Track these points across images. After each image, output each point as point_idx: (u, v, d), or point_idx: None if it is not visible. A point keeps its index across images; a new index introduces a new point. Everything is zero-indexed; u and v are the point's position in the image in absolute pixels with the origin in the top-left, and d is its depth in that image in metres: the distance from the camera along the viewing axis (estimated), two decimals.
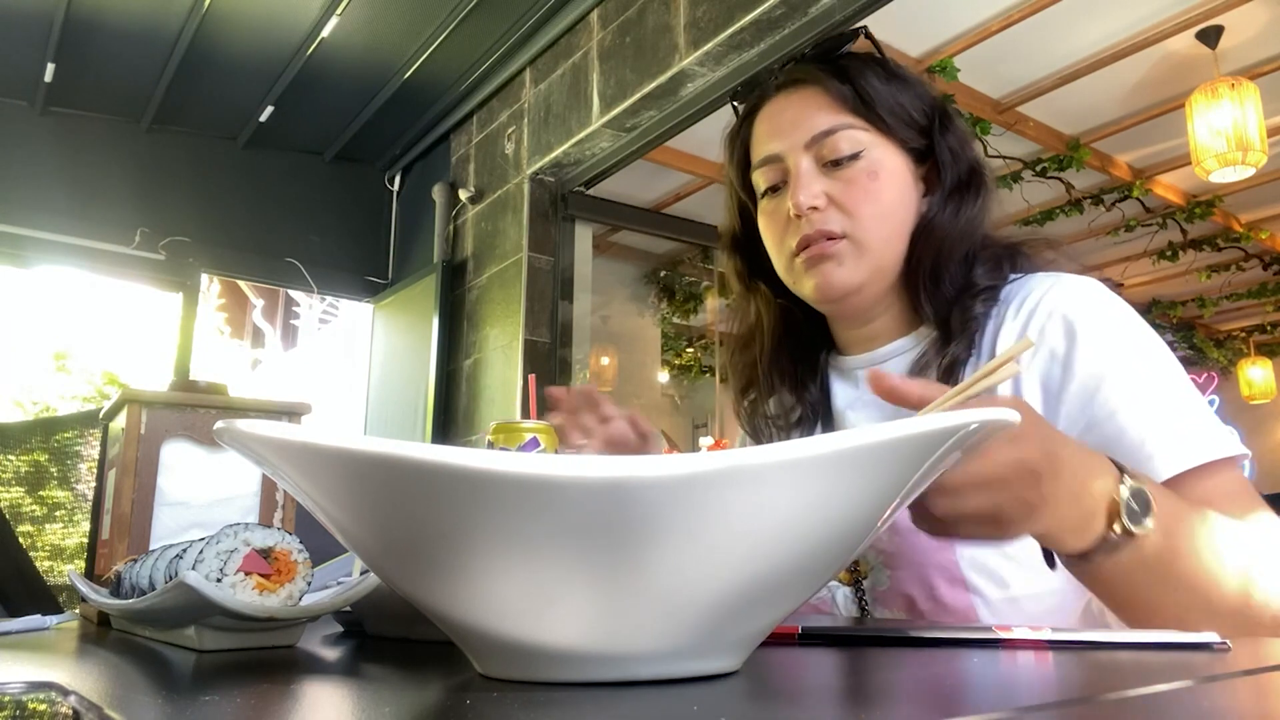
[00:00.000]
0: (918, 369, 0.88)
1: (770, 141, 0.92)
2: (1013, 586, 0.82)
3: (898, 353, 0.93)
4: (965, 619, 0.83)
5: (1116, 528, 0.61)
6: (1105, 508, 0.61)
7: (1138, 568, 0.63)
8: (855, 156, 0.88)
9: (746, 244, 1.00)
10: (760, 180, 0.93)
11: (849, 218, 0.87)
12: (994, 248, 0.91)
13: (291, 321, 8.85)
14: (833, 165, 0.88)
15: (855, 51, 0.93)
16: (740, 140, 0.97)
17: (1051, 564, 0.65)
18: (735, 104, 1.00)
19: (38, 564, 2.00)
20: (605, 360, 4.91)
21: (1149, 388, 0.77)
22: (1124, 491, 0.61)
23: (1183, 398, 0.77)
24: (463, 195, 3.71)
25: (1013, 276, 0.89)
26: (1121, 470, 0.62)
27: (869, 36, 0.93)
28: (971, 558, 0.82)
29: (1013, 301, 0.86)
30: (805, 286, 0.90)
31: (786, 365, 1.00)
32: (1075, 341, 0.80)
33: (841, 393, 0.98)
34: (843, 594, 0.90)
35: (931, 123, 0.91)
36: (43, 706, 0.40)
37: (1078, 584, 0.82)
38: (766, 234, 0.94)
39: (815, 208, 0.87)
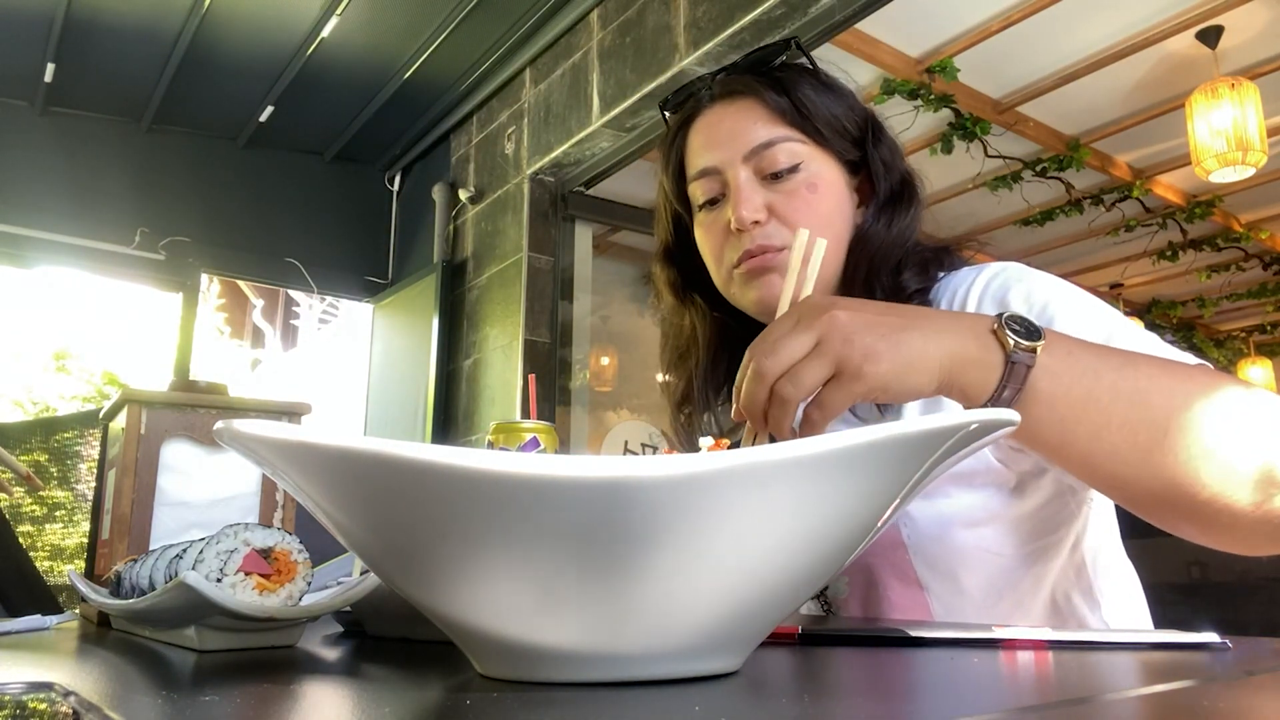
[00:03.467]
0: None
1: (708, 153, 0.91)
2: (965, 582, 0.83)
3: None
4: (922, 618, 0.83)
5: (1010, 341, 0.60)
6: (990, 333, 0.61)
7: (1062, 386, 0.61)
8: (794, 169, 0.87)
9: (680, 255, 0.99)
10: (698, 192, 0.92)
11: (790, 230, 0.86)
12: (922, 251, 0.91)
13: (291, 321, 8.86)
14: (772, 178, 0.88)
15: (789, 63, 0.93)
16: (675, 150, 0.96)
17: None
18: (666, 113, 0.99)
19: (38, 564, 2.00)
20: (605, 360, 4.91)
21: (1096, 323, 0.76)
22: (1004, 318, 0.62)
23: (1128, 327, 0.76)
24: (463, 195, 3.71)
25: (940, 275, 0.89)
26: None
27: (800, 47, 0.93)
28: (923, 556, 0.83)
29: (942, 299, 0.86)
30: (747, 298, 0.89)
31: (724, 379, 1.00)
32: (1010, 310, 0.79)
33: None
34: (805, 607, 0.90)
35: (864, 135, 0.91)
36: (42, 706, 0.40)
37: (1036, 578, 0.84)
38: (705, 246, 0.93)
39: (757, 221, 0.86)
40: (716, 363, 0.99)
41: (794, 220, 0.86)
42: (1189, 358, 0.70)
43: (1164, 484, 0.62)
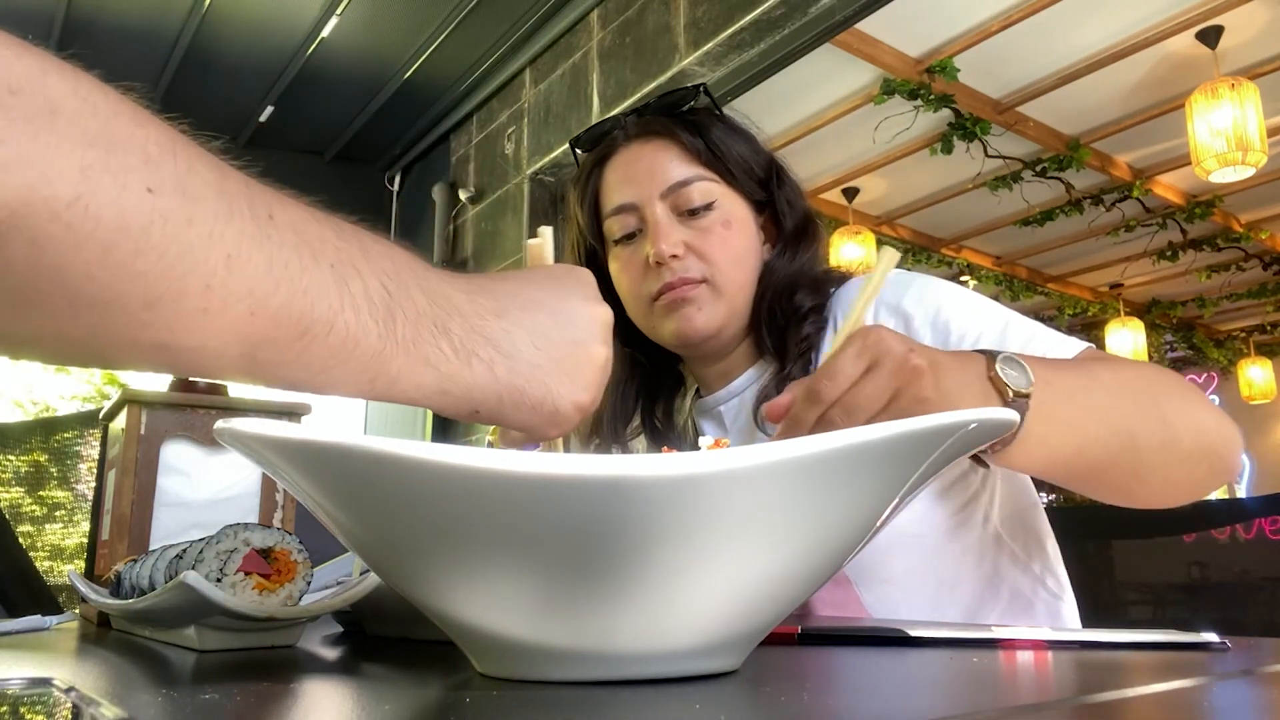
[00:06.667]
0: (763, 395, 0.93)
1: (625, 189, 0.94)
2: (892, 568, 0.85)
3: (749, 383, 0.98)
4: (856, 612, 0.86)
5: (1009, 391, 0.64)
6: (994, 387, 0.65)
7: (1050, 422, 0.66)
8: (709, 207, 0.92)
9: None
10: (615, 227, 0.96)
11: (707, 264, 0.91)
12: (813, 273, 0.96)
13: None
14: (688, 215, 0.92)
15: (698, 107, 0.97)
16: (590, 187, 0.99)
17: (984, 465, 0.70)
18: (577, 151, 1.03)
19: (38, 564, 2.00)
20: None
21: (991, 322, 0.83)
22: (998, 363, 0.65)
23: (1020, 321, 0.84)
24: (463, 195, 3.71)
25: (833, 291, 0.94)
26: (983, 351, 0.67)
27: (708, 94, 0.98)
28: None
29: (837, 311, 0.92)
30: (666, 330, 0.93)
31: (632, 412, 1.03)
32: (910, 319, 0.85)
33: (710, 432, 1.01)
34: None
35: (769, 177, 0.97)
36: (41, 703, 0.40)
37: (959, 554, 0.87)
38: (621, 279, 0.96)
39: (676, 255, 0.90)
40: (626, 397, 1.04)
41: (710, 254, 0.91)
42: (1076, 342, 0.80)
43: (1128, 477, 0.72)
